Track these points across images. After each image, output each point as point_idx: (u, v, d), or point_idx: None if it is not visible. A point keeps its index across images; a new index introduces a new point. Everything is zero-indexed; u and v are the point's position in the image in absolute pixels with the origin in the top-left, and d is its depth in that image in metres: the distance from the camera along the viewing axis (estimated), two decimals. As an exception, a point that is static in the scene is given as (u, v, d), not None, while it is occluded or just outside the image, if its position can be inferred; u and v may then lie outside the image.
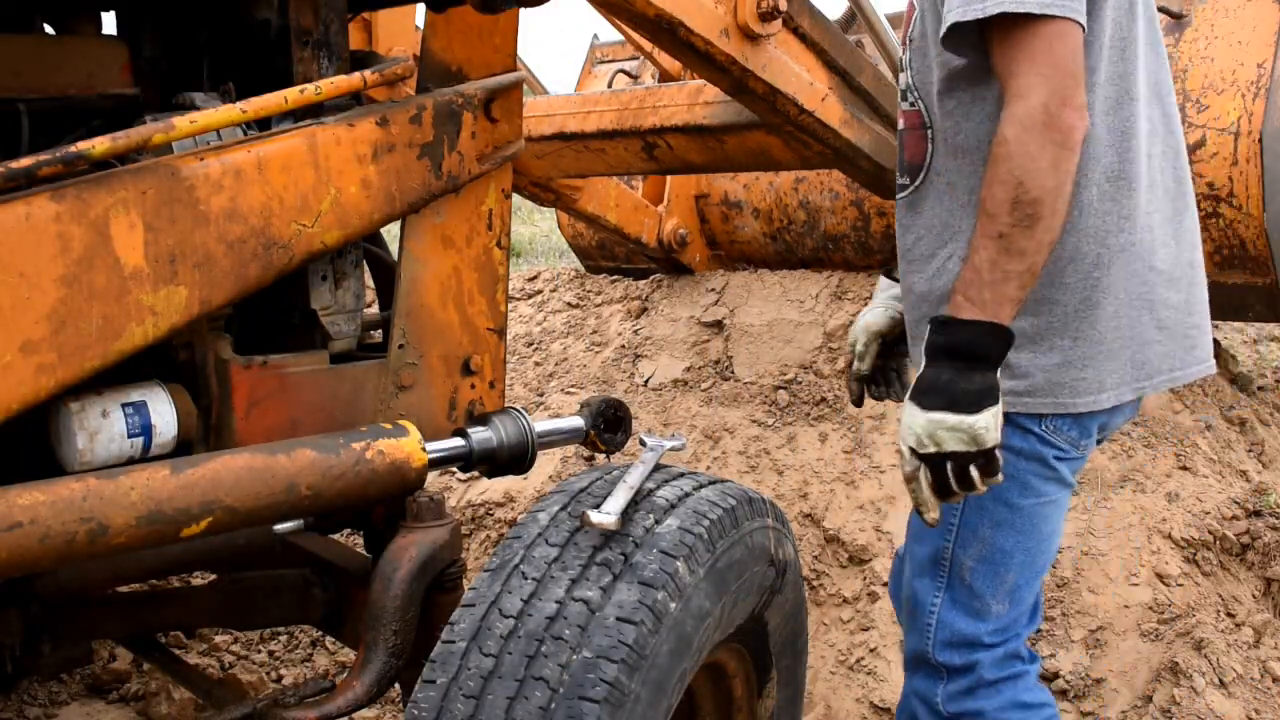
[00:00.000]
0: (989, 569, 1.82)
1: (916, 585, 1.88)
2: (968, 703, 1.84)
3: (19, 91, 1.74)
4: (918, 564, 1.88)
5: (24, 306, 1.41)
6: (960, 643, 1.83)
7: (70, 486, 1.43)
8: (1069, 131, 1.58)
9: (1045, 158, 1.57)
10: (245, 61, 1.88)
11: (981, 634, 1.83)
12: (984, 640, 1.83)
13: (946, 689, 1.85)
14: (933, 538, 1.84)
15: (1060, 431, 1.78)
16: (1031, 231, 1.59)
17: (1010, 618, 1.85)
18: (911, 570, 1.90)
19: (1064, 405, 1.76)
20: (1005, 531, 1.80)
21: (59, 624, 2.03)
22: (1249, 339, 4.56)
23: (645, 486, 1.67)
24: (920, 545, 1.87)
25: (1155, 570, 2.81)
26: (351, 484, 1.68)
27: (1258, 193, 3.11)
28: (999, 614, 1.83)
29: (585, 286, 4.77)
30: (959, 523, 1.82)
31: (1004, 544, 1.81)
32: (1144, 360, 1.78)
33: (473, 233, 1.96)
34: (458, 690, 1.46)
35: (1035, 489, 1.80)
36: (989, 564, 1.81)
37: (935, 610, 1.85)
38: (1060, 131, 1.57)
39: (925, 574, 1.86)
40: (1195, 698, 2.56)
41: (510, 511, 3.61)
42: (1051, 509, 1.83)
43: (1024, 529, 1.81)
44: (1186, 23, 3.32)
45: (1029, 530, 1.81)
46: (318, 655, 3.28)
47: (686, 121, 2.97)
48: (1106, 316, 1.74)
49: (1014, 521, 1.80)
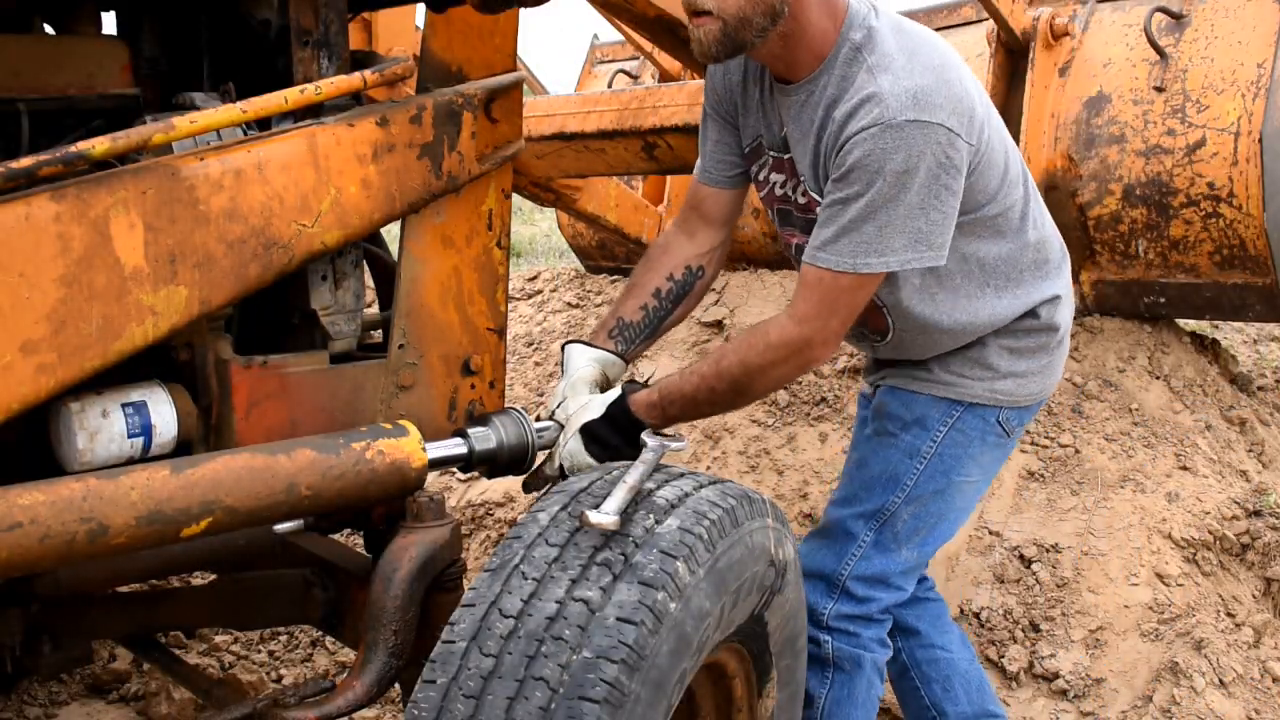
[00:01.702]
0: (916, 524, 2.14)
1: (850, 521, 2.16)
2: (849, 625, 2.16)
3: (19, 91, 1.74)
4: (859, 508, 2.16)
5: (24, 306, 1.41)
6: (873, 579, 2.15)
7: (70, 486, 1.43)
8: (813, 363, 1.97)
9: (782, 372, 1.96)
10: (245, 61, 1.88)
11: (891, 575, 2.16)
12: (891, 582, 2.16)
13: (838, 608, 2.15)
14: (882, 493, 2.14)
15: (1010, 421, 2.17)
16: (733, 403, 2.03)
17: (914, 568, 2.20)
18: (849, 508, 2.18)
19: (1018, 401, 2.16)
20: (941, 499, 2.15)
21: (59, 624, 2.03)
22: (1249, 339, 4.56)
23: (645, 486, 1.66)
24: (869, 495, 2.16)
25: (1155, 570, 2.81)
26: (352, 484, 1.68)
27: (1258, 193, 3.11)
28: (908, 560, 2.16)
29: (585, 286, 4.77)
30: (912, 485, 2.13)
31: (937, 509, 2.15)
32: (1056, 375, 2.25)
33: (473, 233, 1.96)
34: (458, 690, 1.46)
35: (974, 471, 2.17)
36: (918, 520, 2.14)
37: (863, 547, 2.14)
38: (807, 364, 1.96)
39: (865, 517, 2.15)
40: (1195, 698, 2.56)
41: (510, 511, 3.61)
42: (974, 491, 2.22)
43: (955, 501, 2.17)
44: (1186, 23, 3.32)
45: (958, 502, 2.19)
46: (318, 655, 3.28)
47: (686, 121, 2.97)
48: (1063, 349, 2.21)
49: (949, 493, 2.15)
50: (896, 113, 1.79)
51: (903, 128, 1.79)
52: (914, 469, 2.13)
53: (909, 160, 1.79)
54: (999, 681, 2.73)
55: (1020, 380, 2.14)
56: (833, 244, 1.86)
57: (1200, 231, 3.25)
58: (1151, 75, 3.33)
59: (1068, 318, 2.18)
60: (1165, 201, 3.28)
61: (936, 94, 1.81)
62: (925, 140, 1.79)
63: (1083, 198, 3.42)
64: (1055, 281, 2.15)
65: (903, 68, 1.83)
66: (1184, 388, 3.32)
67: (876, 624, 2.19)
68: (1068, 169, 3.43)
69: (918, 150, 1.79)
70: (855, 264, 1.85)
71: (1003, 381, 2.12)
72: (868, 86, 1.83)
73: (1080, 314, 3.55)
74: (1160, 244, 3.34)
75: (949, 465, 2.13)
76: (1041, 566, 2.87)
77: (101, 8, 1.93)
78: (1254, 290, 3.26)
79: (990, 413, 2.14)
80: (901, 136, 1.79)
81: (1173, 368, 3.36)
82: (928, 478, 2.13)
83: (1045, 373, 2.17)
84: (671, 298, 2.19)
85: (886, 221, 1.82)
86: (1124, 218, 3.37)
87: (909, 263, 1.86)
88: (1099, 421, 3.18)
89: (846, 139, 1.83)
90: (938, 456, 2.13)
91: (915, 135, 1.79)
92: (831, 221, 1.86)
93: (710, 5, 1.82)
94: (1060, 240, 2.20)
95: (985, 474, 2.23)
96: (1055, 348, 2.17)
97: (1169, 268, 3.36)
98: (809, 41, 1.90)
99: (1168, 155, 3.26)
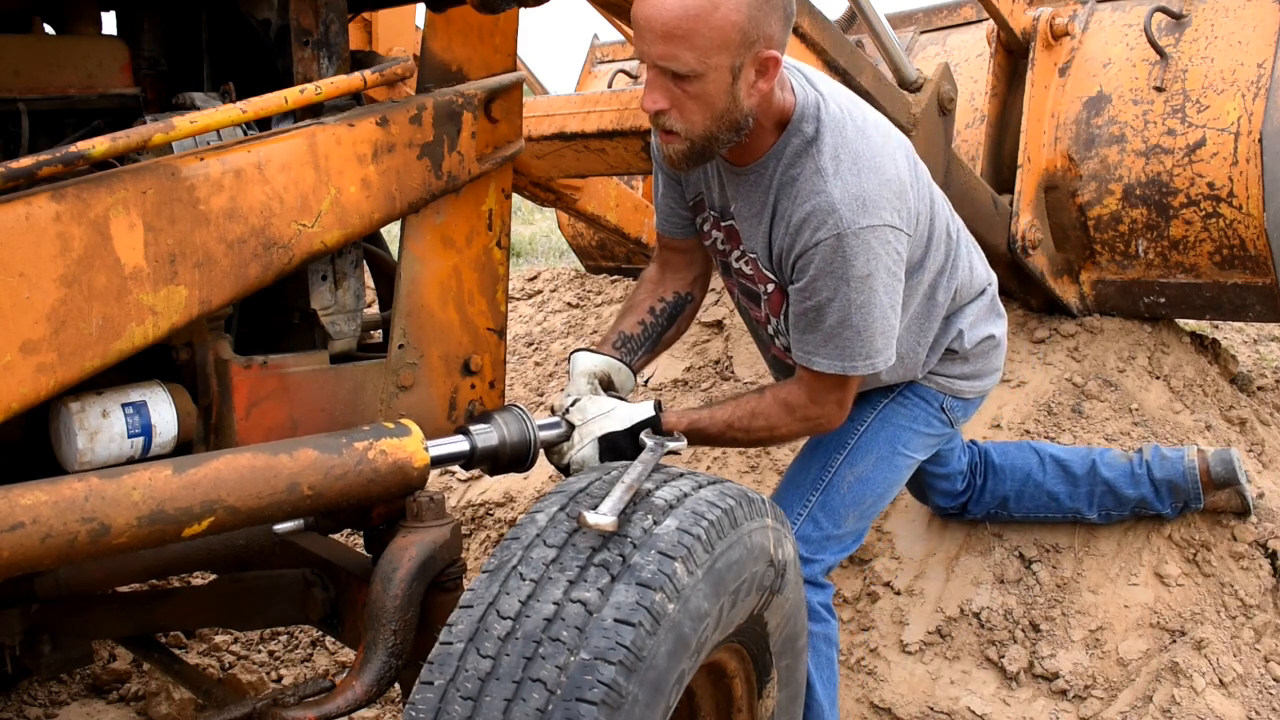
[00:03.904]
0: (859, 491, 2.29)
1: (797, 484, 2.33)
2: None
3: (19, 91, 1.74)
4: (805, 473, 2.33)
5: (24, 306, 1.41)
6: (817, 541, 2.27)
7: (72, 486, 1.43)
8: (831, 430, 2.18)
9: (798, 434, 2.20)
10: (245, 61, 1.89)
11: (832, 538, 2.29)
12: (831, 546, 2.30)
13: None
14: (824, 453, 2.31)
15: (954, 411, 2.37)
16: (751, 444, 2.28)
17: (854, 535, 2.35)
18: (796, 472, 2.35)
19: (961, 392, 2.36)
20: (885, 468, 2.32)
21: (59, 624, 2.03)
22: (1249, 339, 4.56)
23: (644, 487, 1.66)
24: (813, 457, 2.33)
25: (1155, 570, 2.81)
26: (353, 483, 1.68)
27: (1258, 193, 3.11)
28: (848, 528, 2.31)
29: (585, 286, 4.77)
30: (853, 444, 2.30)
31: (880, 478, 2.31)
32: None
33: (473, 233, 1.96)
34: (455, 692, 1.46)
35: (917, 448, 2.36)
36: (863, 487, 2.29)
37: (809, 507, 2.29)
38: (825, 430, 2.18)
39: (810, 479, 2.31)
40: (1195, 698, 2.56)
41: (510, 511, 3.61)
42: (910, 472, 2.41)
43: (896, 475, 2.36)
44: (1186, 23, 3.32)
45: (897, 478, 2.37)
46: (318, 655, 3.28)
47: (687, 121, 2.96)
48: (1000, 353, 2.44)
49: (894, 463, 2.33)
50: (850, 223, 1.91)
51: (858, 234, 1.92)
52: (855, 430, 2.30)
53: (867, 265, 1.93)
54: (999, 681, 2.73)
55: (959, 380, 2.34)
56: (823, 349, 2.01)
57: (1200, 231, 3.25)
58: (1151, 75, 3.33)
59: (1000, 330, 2.38)
60: (1165, 201, 3.28)
61: (880, 194, 1.94)
62: (877, 241, 1.93)
63: (1083, 198, 3.42)
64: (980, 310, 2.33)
65: (849, 169, 1.94)
66: (1184, 388, 3.32)
67: (823, 589, 2.30)
68: (1068, 169, 3.43)
69: (873, 252, 1.93)
70: (845, 367, 2.02)
71: (942, 378, 2.33)
72: (819, 191, 1.93)
73: (1080, 314, 3.55)
74: (1160, 244, 3.34)
75: (893, 434, 2.31)
76: (1041, 566, 2.87)
77: (101, 8, 1.93)
78: (1254, 290, 3.26)
79: (934, 396, 2.33)
80: (858, 243, 1.92)
81: (1173, 368, 3.36)
82: (870, 439, 2.30)
83: (987, 374, 2.40)
84: (666, 315, 2.30)
85: (864, 325, 1.97)
86: (1124, 218, 3.37)
87: (890, 358, 2.04)
88: (1099, 421, 3.18)
89: (805, 249, 1.96)
90: (879, 420, 2.31)
91: (869, 239, 1.92)
92: (814, 329, 2.01)
93: (677, 128, 1.90)
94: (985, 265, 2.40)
95: (924, 456, 2.42)
96: (992, 353, 2.38)
97: (1169, 268, 3.36)
98: (762, 135, 2.01)
99: (1168, 155, 3.26)
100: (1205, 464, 2.79)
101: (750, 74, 1.85)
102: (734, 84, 1.84)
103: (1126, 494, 2.78)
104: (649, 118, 1.92)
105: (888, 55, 2.99)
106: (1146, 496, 2.77)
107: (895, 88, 2.89)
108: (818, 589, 2.27)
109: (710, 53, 1.79)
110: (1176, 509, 2.81)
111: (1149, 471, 2.77)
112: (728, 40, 1.79)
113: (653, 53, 1.82)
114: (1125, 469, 2.78)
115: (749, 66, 1.84)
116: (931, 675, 2.78)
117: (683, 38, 1.78)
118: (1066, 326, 3.50)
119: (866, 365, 2.01)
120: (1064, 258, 3.53)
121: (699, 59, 1.79)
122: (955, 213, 2.33)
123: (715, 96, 1.84)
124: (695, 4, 1.77)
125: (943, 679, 2.76)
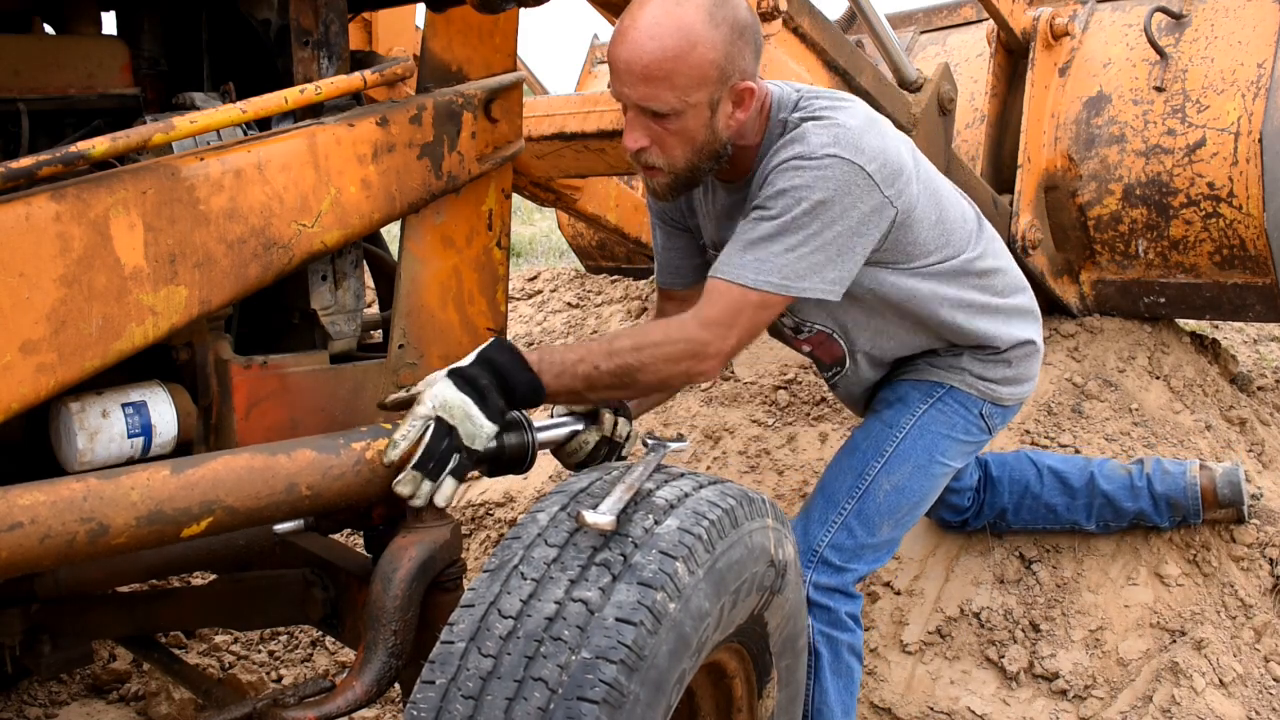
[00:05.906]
0: (896, 500, 2.22)
1: (832, 491, 2.24)
2: (826, 598, 2.19)
3: (19, 91, 1.74)
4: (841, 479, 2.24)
5: (24, 306, 1.41)
6: (851, 550, 2.21)
7: (71, 487, 1.43)
8: (701, 374, 1.88)
9: (671, 371, 1.85)
10: (245, 61, 1.88)
11: (867, 548, 2.22)
12: (865, 555, 2.23)
13: (815, 577, 2.19)
14: (862, 459, 2.23)
15: (993, 418, 2.30)
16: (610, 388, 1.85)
17: (889, 544, 2.27)
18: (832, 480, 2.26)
19: (1001, 399, 2.29)
20: (922, 477, 2.24)
21: (59, 624, 2.03)
22: (1249, 339, 4.56)
23: (645, 487, 1.66)
24: (850, 463, 2.25)
25: (1155, 570, 2.81)
26: (352, 484, 1.68)
27: (1258, 193, 3.11)
28: (884, 536, 2.24)
29: (585, 286, 4.77)
30: (891, 452, 2.22)
31: (916, 488, 2.24)
32: None
33: (473, 233, 1.96)
34: (456, 691, 1.46)
35: (955, 456, 2.28)
36: (899, 496, 2.22)
37: (844, 515, 2.21)
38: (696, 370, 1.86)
39: (847, 487, 2.23)
40: (1195, 698, 2.56)
41: (510, 511, 3.61)
42: (946, 480, 2.33)
43: (933, 484, 2.28)
44: (1186, 23, 3.33)
45: (934, 485, 2.29)
46: (318, 655, 3.28)
47: (686, 121, 2.97)
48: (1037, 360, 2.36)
49: (931, 472, 2.25)
50: (817, 148, 1.85)
51: (823, 161, 1.85)
52: (894, 437, 2.23)
53: (827, 193, 1.84)
54: (999, 681, 2.73)
55: (999, 385, 2.27)
56: (738, 258, 1.88)
57: (1200, 231, 3.25)
58: (1151, 75, 3.33)
59: (1038, 336, 2.32)
60: (1165, 201, 3.28)
61: (861, 138, 1.87)
62: (845, 175, 1.85)
63: (1083, 198, 3.42)
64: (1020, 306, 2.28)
65: (826, 112, 1.91)
66: (1184, 388, 3.32)
67: (852, 599, 2.24)
68: (1068, 169, 3.43)
69: (836, 184, 1.84)
70: (754, 279, 1.85)
71: (983, 382, 2.26)
72: (796, 140, 1.90)
73: (1080, 314, 3.55)
74: (1160, 244, 3.34)
75: (930, 442, 2.23)
76: (1041, 566, 2.87)
77: (101, 8, 1.93)
78: (1254, 290, 3.26)
79: (973, 402, 2.26)
80: (821, 168, 1.84)
81: (1173, 368, 3.36)
82: (908, 447, 2.22)
83: (1025, 380, 2.32)
84: None
85: (795, 245, 1.85)
86: (1124, 218, 3.37)
87: (807, 291, 1.88)
88: (1099, 421, 3.18)
89: (767, 174, 1.91)
90: (918, 428, 2.23)
91: (835, 169, 1.84)
92: (740, 236, 1.90)
93: (659, 163, 1.90)
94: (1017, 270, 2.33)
95: (961, 464, 2.34)
96: (1032, 357, 2.31)
97: (1169, 268, 3.37)
98: (747, 150, 2.00)
99: (1168, 155, 3.27)
100: (1211, 483, 2.76)
101: (728, 106, 1.88)
102: (712, 117, 1.87)
103: (1125, 507, 2.77)
104: (629, 155, 1.91)
105: (888, 55, 2.99)
106: (1145, 510, 2.77)
107: (895, 88, 2.89)
108: (847, 599, 2.23)
109: (689, 91, 1.82)
110: (1174, 523, 2.80)
111: (1149, 485, 2.76)
112: (706, 78, 1.82)
113: (633, 95, 1.83)
114: (1124, 481, 2.76)
115: (726, 100, 1.87)
116: (931, 675, 2.78)
117: (663, 79, 1.80)
118: (1066, 326, 3.50)
119: (778, 285, 1.85)
120: (1064, 258, 3.53)
121: (679, 98, 1.82)
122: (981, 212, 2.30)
123: (695, 131, 1.86)
124: (673, 45, 1.79)
125: (943, 679, 2.76)
